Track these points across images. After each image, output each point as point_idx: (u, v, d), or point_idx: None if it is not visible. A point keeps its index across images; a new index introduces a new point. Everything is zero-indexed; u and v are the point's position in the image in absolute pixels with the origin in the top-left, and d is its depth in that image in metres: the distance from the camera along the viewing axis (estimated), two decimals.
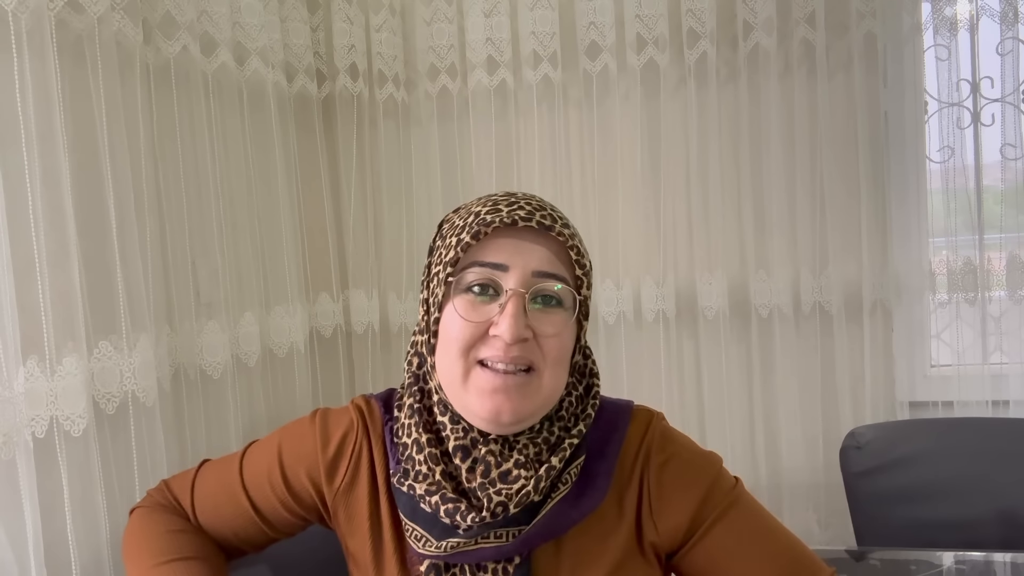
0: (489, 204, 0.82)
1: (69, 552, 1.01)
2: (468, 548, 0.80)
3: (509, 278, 0.79)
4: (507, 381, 0.78)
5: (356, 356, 1.77)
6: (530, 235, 0.80)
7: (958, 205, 1.61)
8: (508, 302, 0.78)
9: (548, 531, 0.81)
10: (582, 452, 0.84)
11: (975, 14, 1.58)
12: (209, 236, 1.34)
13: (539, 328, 0.79)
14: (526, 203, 0.81)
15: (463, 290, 0.80)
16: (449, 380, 0.81)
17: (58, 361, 1.00)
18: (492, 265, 0.79)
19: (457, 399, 0.81)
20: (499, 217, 0.79)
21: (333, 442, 0.90)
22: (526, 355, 0.79)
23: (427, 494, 0.80)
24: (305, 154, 1.67)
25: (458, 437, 0.82)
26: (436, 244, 0.86)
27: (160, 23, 1.26)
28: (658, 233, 1.71)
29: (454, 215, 0.86)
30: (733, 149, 1.68)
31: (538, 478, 0.79)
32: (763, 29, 1.63)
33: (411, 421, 0.85)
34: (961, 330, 1.64)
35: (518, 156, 1.76)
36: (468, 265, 0.80)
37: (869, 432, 1.49)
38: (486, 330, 0.79)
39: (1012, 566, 1.18)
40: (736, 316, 1.70)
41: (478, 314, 0.79)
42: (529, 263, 0.79)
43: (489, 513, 0.77)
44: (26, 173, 0.98)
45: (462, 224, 0.81)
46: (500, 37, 1.72)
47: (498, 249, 0.79)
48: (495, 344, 0.78)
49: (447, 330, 0.80)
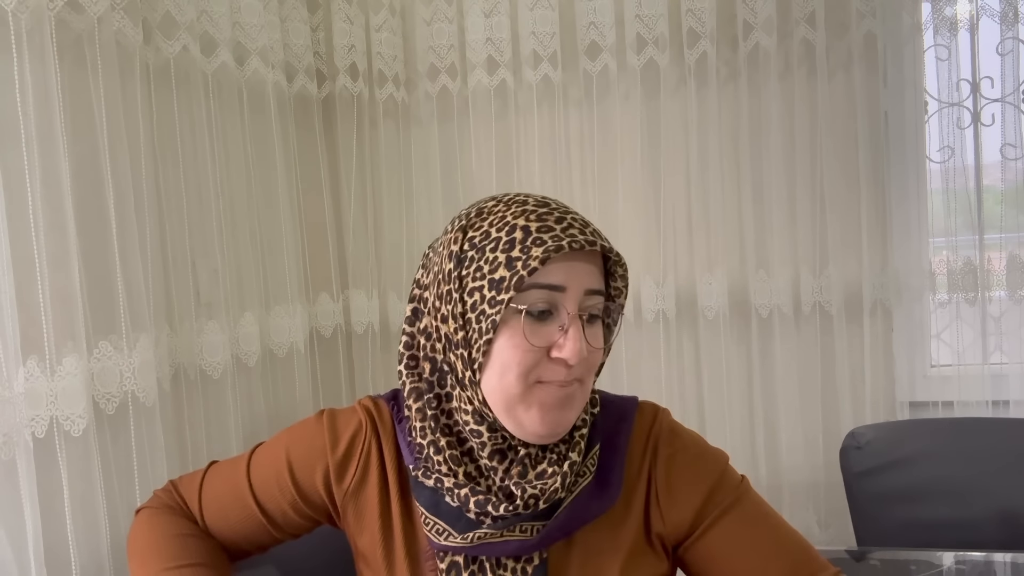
0: (533, 218, 0.79)
1: (69, 552, 1.01)
2: (494, 540, 0.81)
3: (568, 299, 0.79)
4: (566, 394, 0.80)
5: (356, 356, 1.77)
6: (582, 254, 0.80)
7: (958, 205, 1.61)
8: (571, 326, 0.78)
9: (568, 526, 0.83)
10: (596, 442, 0.87)
11: (975, 14, 1.57)
12: (209, 236, 1.34)
13: (591, 342, 0.81)
14: (572, 218, 0.81)
15: (523, 313, 0.78)
16: (503, 398, 0.80)
17: (58, 361, 1.00)
18: (552, 287, 0.78)
19: (508, 415, 0.80)
20: (563, 240, 0.78)
21: (342, 442, 0.90)
22: (580, 371, 0.81)
23: (456, 487, 0.81)
24: (305, 154, 1.67)
25: (496, 443, 0.82)
26: (467, 253, 0.81)
27: (160, 23, 1.26)
28: (658, 233, 1.71)
29: (480, 222, 0.82)
30: (733, 149, 1.68)
31: (564, 475, 0.81)
32: (763, 29, 1.63)
33: (424, 424, 0.85)
34: (961, 330, 1.64)
35: (518, 156, 1.76)
36: (527, 287, 0.78)
37: (869, 432, 1.49)
38: (547, 352, 0.79)
39: (1012, 566, 1.18)
40: (736, 316, 1.70)
41: (541, 338, 0.79)
42: (582, 283, 0.80)
43: (522, 503, 0.79)
44: (26, 173, 0.98)
45: (506, 239, 0.78)
46: (500, 37, 1.72)
47: (556, 270, 0.78)
48: (558, 366, 0.79)
49: (505, 353, 0.79)
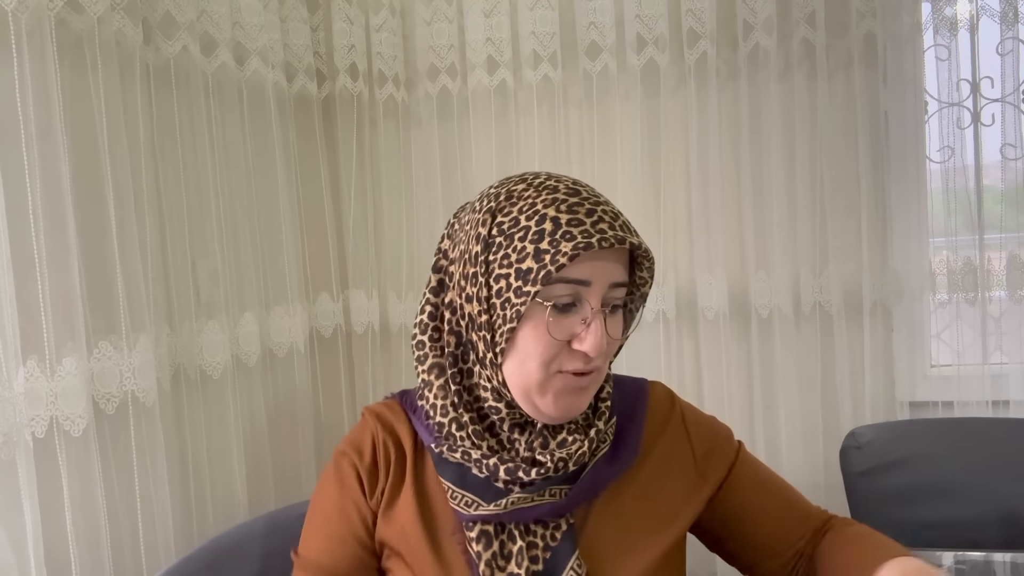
0: (563, 208, 0.79)
1: (69, 552, 1.01)
2: (526, 505, 0.83)
3: (592, 294, 0.80)
4: (582, 382, 0.82)
5: (356, 356, 1.77)
6: (610, 250, 0.80)
7: (958, 205, 1.61)
8: (593, 321, 0.79)
9: (592, 488, 0.86)
10: (613, 415, 0.91)
11: (975, 14, 1.57)
12: (209, 236, 1.34)
13: (611, 333, 0.82)
14: (602, 211, 0.80)
15: (548, 305, 0.79)
16: (523, 384, 0.82)
17: (58, 361, 1.00)
18: (578, 282, 0.79)
19: (526, 399, 0.83)
20: (593, 238, 0.77)
21: (366, 452, 0.90)
22: (600, 362, 0.83)
23: (483, 458, 0.83)
24: (305, 154, 1.67)
25: (514, 419, 0.85)
26: (495, 239, 0.81)
27: (160, 23, 1.26)
28: (658, 233, 1.71)
29: (510, 207, 0.81)
30: (733, 149, 1.68)
31: (591, 440, 0.85)
32: (763, 29, 1.63)
33: (445, 402, 0.86)
34: (961, 330, 1.63)
35: (518, 156, 1.76)
36: (554, 281, 0.78)
37: (869, 432, 1.49)
38: (568, 343, 0.81)
39: (1012, 566, 1.18)
40: (736, 316, 1.70)
41: (563, 330, 0.80)
42: (608, 276, 0.80)
43: (552, 467, 0.82)
44: (26, 173, 0.98)
45: (536, 229, 0.78)
46: (500, 37, 1.72)
47: (582, 265, 0.79)
48: (578, 357, 0.81)
49: (528, 343, 0.80)
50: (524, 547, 0.83)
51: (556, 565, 0.83)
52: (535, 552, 0.83)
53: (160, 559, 1.15)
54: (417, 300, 1.76)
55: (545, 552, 0.83)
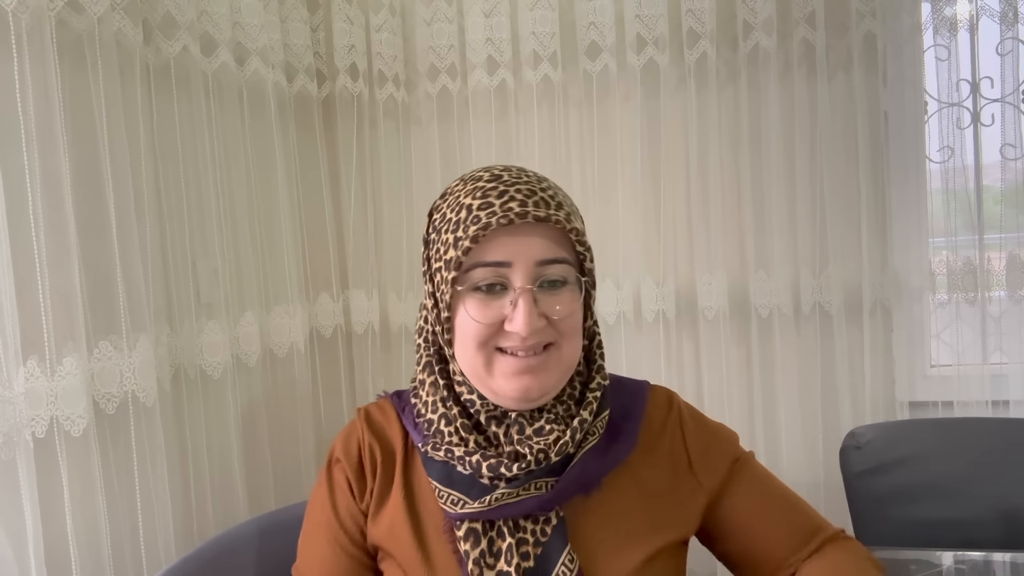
0: (479, 195, 0.82)
1: (69, 552, 1.01)
2: (511, 500, 0.82)
3: (515, 273, 0.80)
4: (529, 363, 0.82)
5: (356, 356, 1.77)
6: (529, 226, 0.81)
7: (958, 205, 1.61)
8: (519, 299, 0.80)
9: (581, 481, 0.85)
10: (606, 407, 0.89)
11: (975, 14, 1.58)
12: (209, 236, 1.34)
13: (550, 311, 0.82)
14: (516, 191, 0.81)
15: (471, 290, 0.81)
16: (471, 370, 0.84)
17: (58, 361, 1.00)
18: (496, 264, 0.80)
19: (482, 385, 0.84)
20: (494, 217, 0.79)
21: (352, 452, 0.91)
22: (543, 338, 0.82)
23: (467, 455, 0.83)
24: (305, 154, 1.67)
25: (489, 410, 0.85)
26: (431, 236, 0.86)
27: (160, 23, 1.26)
28: (658, 233, 1.71)
29: (443, 204, 0.86)
30: (733, 149, 1.68)
31: (573, 429, 0.83)
32: (763, 29, 1.63)
33: (435, 398, 0.87)
34: (961, 330, 1.64)
35: (518, 156, 1.76)
36: (471, 267, 0.81)
37: (869, 432, 1.49)
38: (500, 323, 0.81)
39: (1012, 566, 1.18)
40: (736, 316, 1.70)
41: (490, 312, 0.81)
42: (531, 254, 0.81)
43: (533, 459, 0.81)
44: (26, 173, 0.98)
45: (455, 219, 0.82)
46: (500, 37, 1.72)
47: (499, 246, 0.80)
48: (512, 337, 0.81)
49: (462, 328, 0.83)
50: (514, 544, 0.83)
51: (548, 561, 0.82)
52: (526, 548, 0.83)
53: (160, 559, 1.15)
54: (417, 300, 1.76)
55: (536, 548, 0.83)
